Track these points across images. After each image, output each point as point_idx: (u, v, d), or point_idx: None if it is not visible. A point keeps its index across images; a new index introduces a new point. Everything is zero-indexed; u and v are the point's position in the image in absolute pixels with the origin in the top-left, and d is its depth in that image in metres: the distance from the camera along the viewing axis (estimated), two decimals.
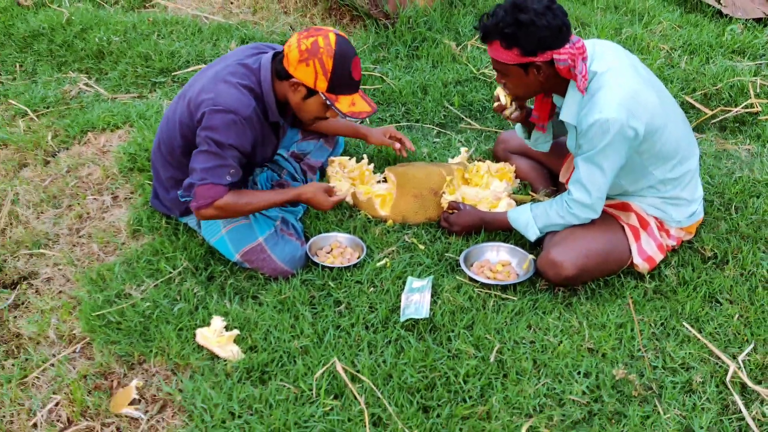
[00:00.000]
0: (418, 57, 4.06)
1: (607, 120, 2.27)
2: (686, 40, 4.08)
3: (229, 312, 2.43)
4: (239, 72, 2.45)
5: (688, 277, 2.54)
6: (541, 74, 2.36)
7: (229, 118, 2.34)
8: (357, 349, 2.28)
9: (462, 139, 3.50)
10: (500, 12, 2.28)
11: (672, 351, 2.27)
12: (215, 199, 2.40)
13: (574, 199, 2.46)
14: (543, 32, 2.24)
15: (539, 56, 2.30)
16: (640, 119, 2.30)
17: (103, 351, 2.33)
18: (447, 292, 2.47)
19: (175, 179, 2.66)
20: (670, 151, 2.43)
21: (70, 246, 2.82)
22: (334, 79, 2.36)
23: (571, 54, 2.30)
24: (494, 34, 2.30)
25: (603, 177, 2.40)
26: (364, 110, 2.45)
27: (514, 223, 2.66)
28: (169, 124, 2.57)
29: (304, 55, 2.33)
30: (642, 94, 2.33)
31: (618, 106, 2.27)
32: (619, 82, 2.32)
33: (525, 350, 2.26)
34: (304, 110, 2.50)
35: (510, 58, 2.32)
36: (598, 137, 2.31)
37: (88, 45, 4.14)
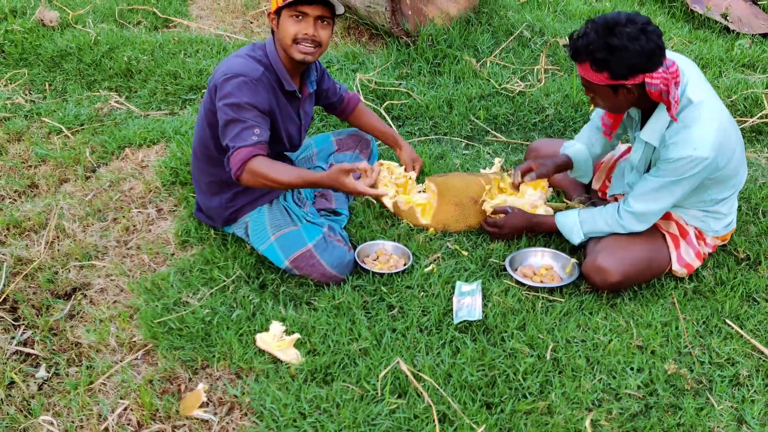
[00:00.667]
0: (440, 73, 4.18)
1: (700, 158, 2.30)
2: (698, 54, 4.24)
3: (285, 318, 2.50)
4: (247, 48, 2.63)
5: (725, 277, 2.65)
6: (631, 96, 2.33)
7: (240, 80, 2.46)
8: (415, 350, 2.36)
9: (490, 150, 3.61)
10: (591, 33, 2.22)
11: (717, 347, 2.37)
12: (245, 160, 2.41)
13: (632, 211, 2.52)
14: (635, 58, 2.20)
15: (630, 80, 2.26)
16: (727, 158, 2.37)
17: (167, 356, 2.39)
18: (496, 295, 2.56)
19: (215, 183, 2.73)
20: (731, 175, 2.49)
21: (120, 257, 2.88)
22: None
23: (664, 79, 2.25)
24: (584, 56, 2.27)
25: (670, 200, 2.45)
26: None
27: (560, 226, 2.75)
28: (199, 122, 2.70)
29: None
30: (729, 130, 2.38)
31: (712, 145, 2.29)
32: (714, 118, 2.31)
33: (577, 348, 2.35)
34: (282, 38, 2.56)
35: (599, 79, 2.29)
36: (684, 170, 2.34)
37: (117, 64, 4.22)
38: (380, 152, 3.47)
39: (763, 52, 4.24)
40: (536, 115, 3.85)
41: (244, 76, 2.46)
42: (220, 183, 2.73)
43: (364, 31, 4.62)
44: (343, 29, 4.67)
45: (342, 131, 3.27)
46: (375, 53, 4.39)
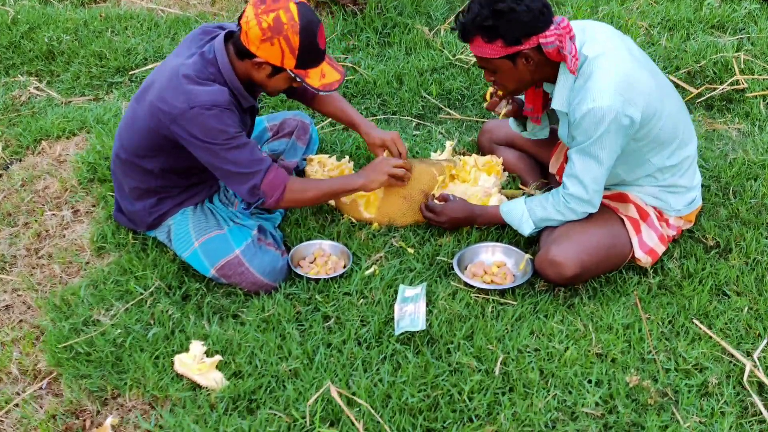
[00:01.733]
0: (390, 44, 3.87)
1: (601, 108, 2.13)
2: (664, 16, 3.96)
3: (208, 335, 2.24)
4: (197, 65, 2.25)
5: (693, 269, 2.42)
6: (530, 62, 2.21)
7: (214, 112, 2.17)
8: (351, 369, 2.12)
9: (443, 130, 3.33)
10: (475, 6, 2.14)
11: (684, 351, 2.15)
12: (285, 182, 2.33)
13: (570, 193, 2.33)
14: (524, 17, 2.11)
15: (525, 44, 2.16)
16: (636, 105, 2.17)
17: (73, 387, 2.12)
18: (442, 300, 2.31)
19: (139, 189, 2.45)
20: (668, 137, 2.30)
21: (30, 268, 2.59)
22: (302, 55, 2.19)
23: (558, 35, 2.16)
24: (473, 31, 2.17)
25: (599, 168, 2.26)
26: (334, 80, 2.29)
27: (506, 217, 2.51)
28: (133, 128, 2.35)
29: (267, 34, 2.14)
30: (637, 78, 2.19)
31: (612, 92, 2.13)
32: (612, 67, 2.17)
33: (530, 359, 2.12)
34: (271, 86, 2.34)
35: (495, 51, 2.18)
36: (592, 127, 2.17)
37: (37, 45, 3.86)
38: (323, 137, 3.18)
39: (734, 11, 3.97)
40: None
41: (217, 107, 2.18)
42: (145, 190, 2.44)
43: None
44: None
45: (276, 115, 2.96)
46: None
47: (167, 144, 2.30)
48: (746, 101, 3.37)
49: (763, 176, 2.80)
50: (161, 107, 2.20)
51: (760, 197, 2.70)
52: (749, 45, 3.71)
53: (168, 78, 2.23)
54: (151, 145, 2.31)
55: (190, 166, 2.40)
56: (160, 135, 2.27)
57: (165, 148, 2.32)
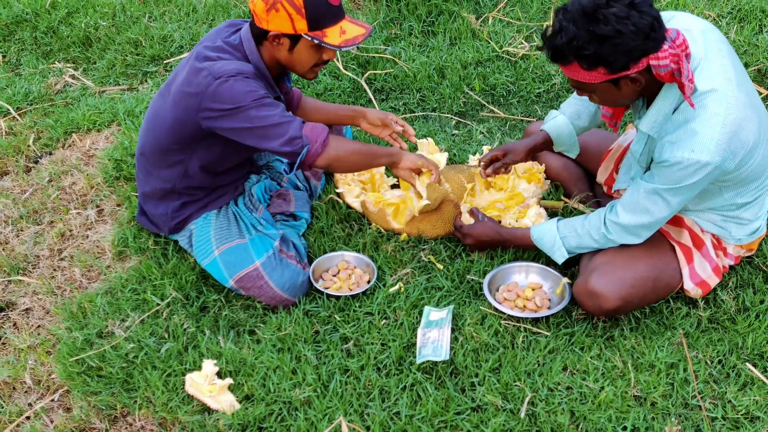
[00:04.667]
0: (434, 33, 3.67)
1: (698, 162, 1.85)
2: (735, 5, 3.63)
3: (222, 352, 2.14)
4: (222, 49, 2.17)
5: (749, 302, 2.20)
6: (637, 84, 1.88)
7: (240, 78, 2.07)
8: (367, 399, 2.00)
9: (484, 129, 3.13)
10: (569, 27, 1.79)
11: (734, 397, 1.94)
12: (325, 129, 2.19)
13: (619, 223, 2.09)
14: (632, 41, 1.76)
15: (632, 68, 1.83)
16: (735, 158, 1.88)
17: (82, 403, 2.07)
18: (469, 326, 2.16)
19: (163, 190, 2.36)
20: (753, 177, 2.02)
21: (51, 270, 2.55)
22: (311, 13, 2.06)
23: (673, 55, 1.81)
24: (569, 56, 1.83)
25: (666, 211, 2.02)
26: (357, 34, 2.15)
27: (538, 243, 2.31)
28: (156, 123, 2.28)
29: (268, 2, 2.03)
30: (744, 125, 1.86)
31: (715, 148, 1.84)
32: (722, 113, 1.84)
33: (561, 399, 1.95)
34: (296, 62, 2.21)
35: (595, 78, 1.86)
36: (679, 176, 1.90)
37: (75, 31, 3.81)
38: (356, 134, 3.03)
39: None
40: (541, 84, 3.34)
41: (240, 74, 2.08)
42: (169, 190, 2.36)
43: None
44: None
45: None
46: (362, 9, 3.88)
47: (194, 135, 2.21)
48: None
49: None
50: (187, 90, 2.12)
51: None
52: None
53: (190, 64, 2.16)
54: (177, 138, 2.22)
55: (217, 161, 2.31)
56: (187, 125, 2.17)
57: (191, 141, 2.23)
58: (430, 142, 2.73)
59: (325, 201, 2.65)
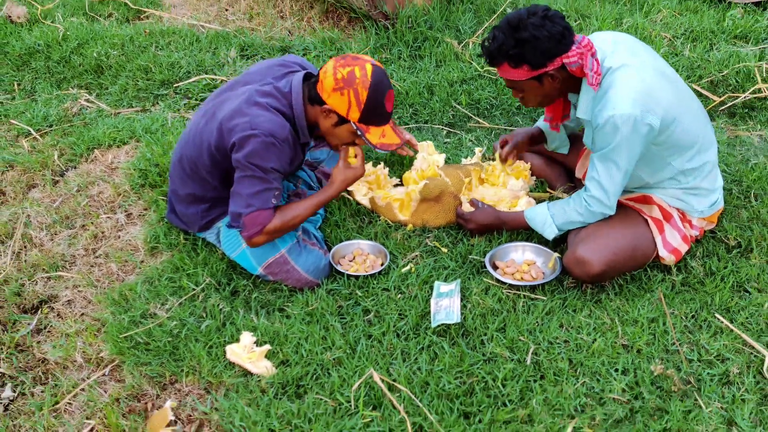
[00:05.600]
0: (421, 57, 4.03)
1: (621, 116, 2.27)
2: (688, 27, 4.08)
3: (257, 327, 2.40)
4: (271, 94, 2.42)
5: (715, 267, 2.54)
6: (556, 80, 2.38)
7: (269, 141, 2.31)
8: (391, 358, 2.27)
9: (472, 138, 3.48)
10: (499, 35, 2.31)
11: (706, 343, 2.27)
12: (265, 224, 2.38)
13: (592, 195, 2.46)
14: (546, 44, 2.27)
15: (549, 66, 2.33)
16: (655, 113, 2.29)
17: (134, 373, 2.30)
18: (476, 295, 2.45)
19: (194, 196, 2.61)
20: (687, 142, 2.42)
21: (88, 267, 2.78)
22: (367, 110, 2.35)
23: (579, 54, 2.32)
24: (499, 58, 2.34)
25: (618, 173, 2.39)
26: (393, 142, 2.44)
27: (531, 222, 2.65)
28: (196, 141, 2.51)
29: (339, 84, 2.31)
30: (656, 87, 2.32)
31: (632, 101, 2.27)
32: (632, 77, 2.31)
33: (560, 350, 2.25)
34: (333, 135, 2.50)
35: (521, 75, 2.36)
36: (612, 134, 2.31)
37: (86, 60, 4.09)
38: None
39: (756, 21, 4.08)
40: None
41: (273, 137, 2.32)
42: (200, 197, 2.61)
43: (342, 14, 4.47)
44: (321, 13, 4.51)
45: None
46: (353, 38, 4.24)
47: (228, 163, 2.44)
48: None
49: None
50: (228, 126, 2.36)
51: None
52: None
53: (240, 102, 2.40)
54: (214, 162, 2.47)
55: None
56: (221, 153, 2.42)
57: (226, 168, 2.46)
58: (430, 144, 3.06)
59: (337, 198, 2.94)
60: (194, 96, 3.82)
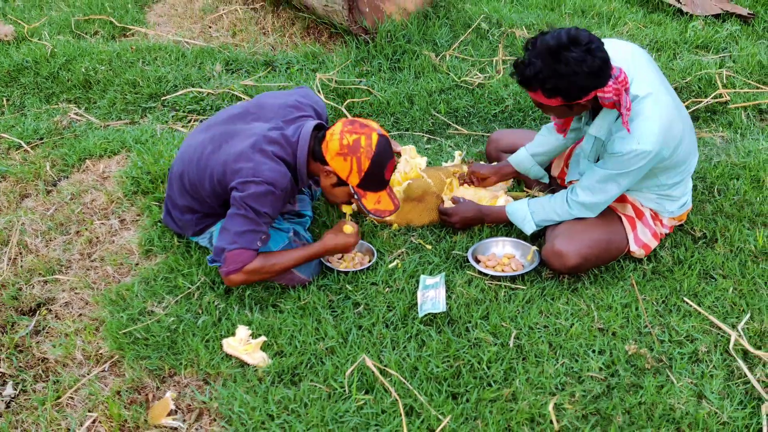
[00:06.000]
0: (400, 69, 4.20)
1: (644, 151, 2.34)
2: (652, 38, 4.30)
3: (252, 321, 2.51)
4: (278, 143, 2.49)
5: (683, 256, 2.70)
6: (585, 108, 2.40)
7: (269, 189, 2.39)
8: (381, 346, 2.38)
9: (452, 144, 3.64)
10: (537, 62, 2.22)
11: (676, 325, 2.42)
12: (245, 264, 2.44)
13: (579, 201, 2.58)
14: (585, 80, 2.21)
15: (583, 99, 2.30)
16: (670, 147, 2.40)
17: (134, 367, 2.39)
18: (460, 287, 2.59)
19: (191, 208, 2.70)
20: (680, 162, 2.54)
21: (84, 270, 2.87)
22: (366, 178, 2.45)
23: (616, 90, 2.28)
24: (534, 85, 2.28)
25: (617, 191, 2.51)
26: (387, 209, 2.55)
27: (511, 217, 2.80)
28: (201, 167, 2.57)
29: (344, 150, 2.41)
30: (675, 121, 2.39)
31: (656, 138, 2.33)
32: (658, 111, 2.34)
33: (540, 334, 2.39)
34: (330, 194, 2.61)
35: (554, 103, 2.33)
36: (629, 163, 2.38)
37: (75, 75, 4.19)
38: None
39: (716, 32, 4.32)
40: (496, 107, 3.89)
41: (273, 187, 2.40)
42: (196, 210, 2.70)
43: (323, 30, 4.62)
44: (302, 29, 4.67)
45: None
46: (335, 52, 4.40)
47: (228, 196, 2.51)
48: (729, 112, 3.68)
49: (744, 176, 3.10)
50: (233, 167, 2.45)
51: (741, 194, 2.99)
52: (731, 62, 4.04)
53: (247, 145, 2.47)
54: (215, 193, 2.56)
55: None
56: (222, 187, 2.51)
57: (225, 199, 2.54)
58: (412, 148, 3.21)
59: (324, 201, 3.07)
60: (181, 108, 3.93)
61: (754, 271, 2.62)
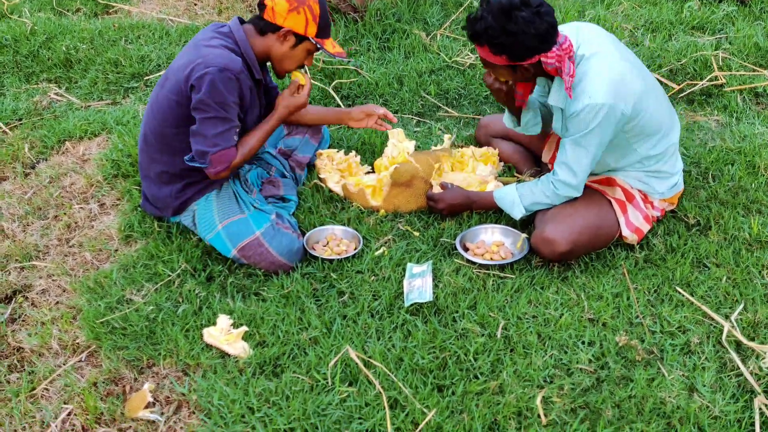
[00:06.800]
0: (390, 49, 4.10)
1: (596, 105, 2.33)
2: (647, 18, 4.21)
3: (233, 310, 2.44)
4: (215, 38, 2.51)
5: (675, 244, 2.64)
6: (529, 72, 2.42)
7: (225, 75, 2.39)
8: (366, 337, 2.32)
9: (442, 126, 3.55)
10: (488, 17, 2.27)
11: (668, 315, 2.36)
12: (231, 161, 2.49)
13: (560, 179, 2.54)
14: (531, 41, 2.27)
15: (527, 61, 2.35)
16: (627, 101, 2.37)
17: (111, 357, 2.32)
18: (447, 276, 2.52)
19: (166, 173, 2.63)
20: (653, 128, 2.51)
21: (62, 256, 2.79)
22: (321, 23, 2.50)
23: (559, 56, 2.34)
24: (481, 40, 2.33)
25: (588, 158, 2.47)
26: (341, 51, 2.62)
27: (499, 202, 2.73)
28: (155, 109, 2.56)
29: (293, 4, 2.44)
30: (627, 76, 2.39)
31: (606, 90, 2.34)
32: (605, 66, 2.37)
33: (529, 325, 2.33)
34: (288, 58, 2.59)
35: (498, 61, 2.37)
36: (586, 121, 2.38)
37: (55, 54, 4.07)
38: (332, 133, 3.40)
39: (712, 13, 4.23)
40: (487, 89, 3.79)
41: (229, 71, 2.40)
42: (172, 173, 2.63)
43: None
44: None
45: None
46: None
47: (189, 116, 2.48)
48: (724, 95, 3.61)
49: (739, 161, 3.03)
50: (184, 73, 2.42)
51: (736, 180, 2.93)
52: (727, 44, 3.96)
53: (189, 52, 2.49)
54: (176, 120, 2.51)
55: None
56: (182, 106, 2.47)
57: (188, 122, 2.50)
58: (400, 131, 3.13)
59: (309, 186, 2.99)
60: None
61: (749, 260, 2.56)
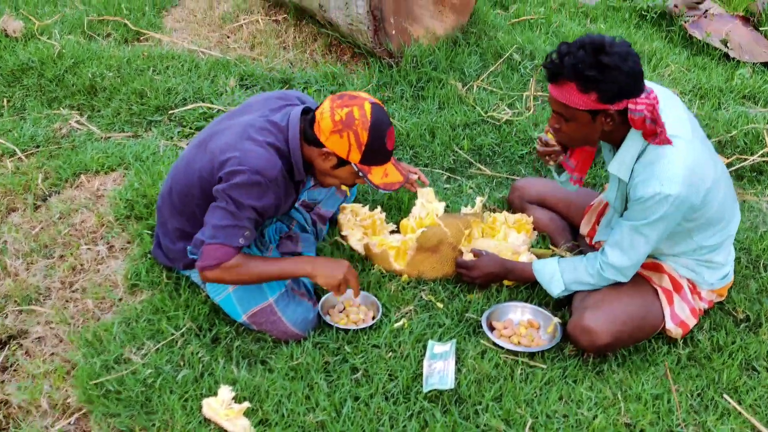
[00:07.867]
0: (423, 98, 3.94)
1: (668, 195, 2.13)
2: (696, 83, 4.02)
3: (237, 380, 2.26)
4: (266, 129, 2.31)
5: (722, 342, 2.42)
6: (609, 123, 2.17)
7: (254, 178, 2.19)
8: (378, 424, 2.12)
9: (473, 185, 3.37)
10: (579, 52, 2.05)
11: (713, 426, 2.14)
12: (222, 261, 2.23)
13: (610, 262, 2.33)
14: (626, 79, 2.06)
15: (616, 104, 2.11)
16: (699, 193, 2.17)
17: (101, 424, 2.14)
18: (471, 359, 2.32)
19: (183, 231, 2.48)
20: (716, 219, 2.31)
21: (63, 301, 2.63)
22: (368, 151, 2.24)
23: (648, 105, 2.10)
24: (570, 75, 2.08)
25: (646, 246, 2.27)
26: (396, 180, 2.32)
27: (538, 275, 2.52)
28: (188, 172, 2.39)
29: (337, 126, 2.20)
30: (703, 165, 2.19)
31: (682, 181, 2.12)
32: (684, 152, 2.15)
33: (559, 425, 2.12)
34: (331, 177, 2.38)
35: (583, 102, 2.12)
36: (653, 209, 2.17)
37: (80, 80, 3.97)
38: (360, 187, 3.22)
39: (765, 82, 4.03)
40: (524, 147, 3.62)
41: (260, 176, 2.20)
42: (188, 233, 2.47)
43: (347, 49, 4.38)
44: (324, 47, 4.42)
45: None
46: (356, 74, 4.15)
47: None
48: None
49: None
50: (220, 159, 2.25)
51: None
52: None
53: (234, 135, 2.29)
54: (203, 193, 2.35)
55: None
56: (211, 184, 2.30)
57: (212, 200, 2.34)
58: (430, 191, 2.95)
59: (330, 242, 2.82)
60: (188, 124, 3.70)
61: None
